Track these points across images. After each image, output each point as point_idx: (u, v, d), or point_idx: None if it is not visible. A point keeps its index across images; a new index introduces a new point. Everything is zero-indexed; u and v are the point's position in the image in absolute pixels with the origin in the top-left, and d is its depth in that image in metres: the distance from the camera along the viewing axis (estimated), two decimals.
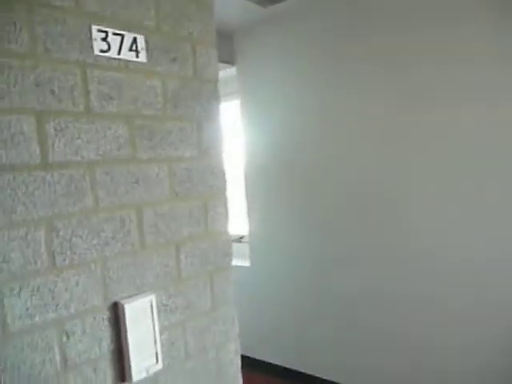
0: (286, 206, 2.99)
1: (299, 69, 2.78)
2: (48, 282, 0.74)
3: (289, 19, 2.77)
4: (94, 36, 0.82)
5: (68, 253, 0.77)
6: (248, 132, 3.13)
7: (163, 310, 0.93)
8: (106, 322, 0.83)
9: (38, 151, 0.73)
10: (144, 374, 0.87)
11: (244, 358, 1.18)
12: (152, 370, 0.89)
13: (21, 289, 0.71)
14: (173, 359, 0.95)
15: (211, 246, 1.05)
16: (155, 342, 0.89)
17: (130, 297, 0.87)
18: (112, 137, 0.85)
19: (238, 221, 3.39)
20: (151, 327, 0.89)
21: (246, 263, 3.28)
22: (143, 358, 0.87)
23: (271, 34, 2.89)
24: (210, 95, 1.06)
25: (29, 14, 0.73)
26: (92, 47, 0.82)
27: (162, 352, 0.92)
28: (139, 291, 0.89)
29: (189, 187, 0.99)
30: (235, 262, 1.58)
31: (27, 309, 0.72)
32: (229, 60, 3.04)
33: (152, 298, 0.89)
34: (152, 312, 0.89)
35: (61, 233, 0.76)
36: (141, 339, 0.86)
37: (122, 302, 0.84)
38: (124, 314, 0.83)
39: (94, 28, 0.82)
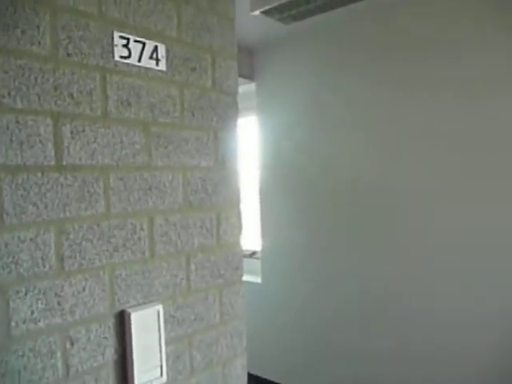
0: (301, 224, 2.96)
1: (318, 87, 2.78)
2: (55, 286, 0.73)
3: (310, 37, 2.79)
4: (115, 42, 0.82)
5: (77, 257, 0.76)
6: (263, 148, 3.12)
7: (170, 321, 0.91)
8: (112, 330, 0.81)
9: (52, 153, 0.73)
10: None
11: (251, 377, 1.15)
12: None
13: (27, 291, 0.70)
14: (178, 373, 0.92)
15: (222, 258, 1.03)
16: (160, 354, 0.87)
17: (137, 305, 0.85)
18: (128, 143, 0.84)
19: (251, 236, 3.37)
20: (157, 338, 0.87)
21: (258, 279, 3.24)
22: (147, 369, 0.85)
23: (292, 51, 2.91)
24: (228, 107, 1.06)
25: (52, 18, 0.74)
26: (113, 53, 0.82)
27: (167, 365, 0.90)
28: (147, 300, 0.87)
29: (202, 197, 0.98)
30: (246, 278, 1.55)
31: (32, 312, 0.71)
32: (249, 75, 3.06)
33: (159, 308, 0.87)
34: (159, 322, 0.87)
35: (71, 236, 0.75)
36: (146, 350, 0.84)
37: (129, 310, 0.83)
38: (130, 323, 0.82)
39: (116, 34, 0.83)
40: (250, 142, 3.31)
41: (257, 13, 2.21)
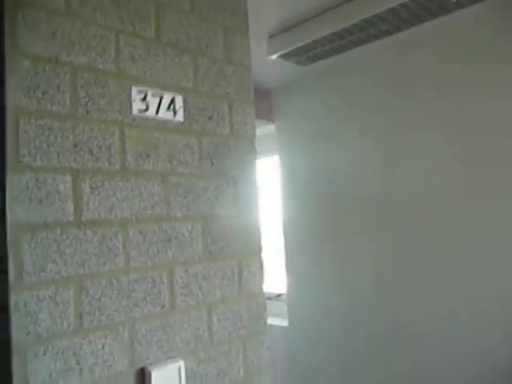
0: (326, 264, 2.89)
1: (337, 126, 2.78)
2: (73, 345, 0.72)
3: (327, 76, 2.82)
4: (133, 97, 0.84)
5: (96, 313, 0.75)
6: (286, 188, 3.11)
7: (192, 377, 0.88)
8: None
9: (72, 209, 0.73)
10: None
11: None
12: None
13: (45, 352, 0.68)
14: None
15: (245, 308, 1.00)
16: None
17: (157, 362, 0.82)
18: (147, 195, 0.84)
19: (276, 278, 3.30)
20: None
21: (284, 323, 3.14)
22: None
23: (309, 91, 2.94)
24: (247, 153, 1.05)
25: (72, 78, 0.76)
26: (131, 107, 0.83)
27: None
28: (168, 356, 0.84)
29: (223, 246, 0.96)
30: (272, 321, 1.50)
31: (50, 374, 0.69)
32: (267, 117, 3.10)
33: (181, 364, 0.84)
34: (180, 380, 0.83)
35: (90, 292, 0.74)
36: None
37: (149, 368, 0.80)
38: (150, 383, 0.78)
39: (134, 89, 0.84)
40: (272, 182, 3.30)
41: (274, 57, 2.26)
